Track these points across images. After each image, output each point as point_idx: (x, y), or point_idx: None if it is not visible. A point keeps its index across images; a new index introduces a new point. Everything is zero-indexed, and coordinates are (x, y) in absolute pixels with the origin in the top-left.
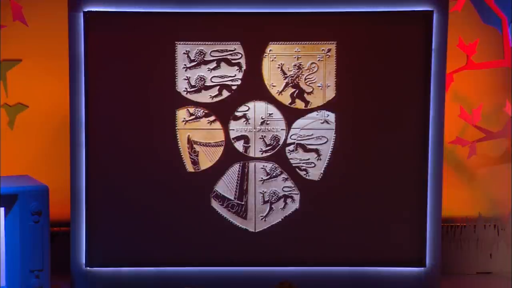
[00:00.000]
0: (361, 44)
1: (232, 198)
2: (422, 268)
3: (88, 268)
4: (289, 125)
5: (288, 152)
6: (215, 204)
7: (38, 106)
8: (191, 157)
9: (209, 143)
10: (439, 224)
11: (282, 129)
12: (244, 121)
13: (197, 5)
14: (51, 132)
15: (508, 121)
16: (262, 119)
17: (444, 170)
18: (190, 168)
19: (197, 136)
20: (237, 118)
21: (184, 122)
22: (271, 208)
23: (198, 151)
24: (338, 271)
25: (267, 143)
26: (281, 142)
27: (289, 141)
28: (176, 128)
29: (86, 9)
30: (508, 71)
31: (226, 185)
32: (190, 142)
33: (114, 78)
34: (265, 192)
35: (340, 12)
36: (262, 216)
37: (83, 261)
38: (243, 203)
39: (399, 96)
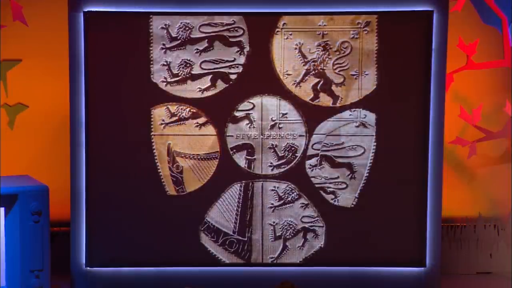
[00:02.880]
0: None
1: (231, 233)
2: (422, 268)
3: (88, 268)
4: (310, 130)
5: (309, 168)
6: (206, 241)
7: (38, 106)
8: (173, 174)
9: (198, 155)
10: (439, 224)
11: (300, 136)
12: (248, 123)
13: (197, 5)
14: (51, 132)
15: (508, 121)
16: (273, 121)
17: (444, 170)
18: (171, 190)
19: (181, 146)
20: (237, 120)
21: (162, 126)
22: (285, 247)
23: (182, 167)
24: (338, 271)
25: (280, 154)
26: (299, 153)
27: (310, 152)
28: (151, 134)
29: (86, 9)
30: (508, 71)
31: (221, 214)
32: (171, 153)
33: (114, 78)
34: (276, 223)
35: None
36: (272, 257)
37: (83, 261)
38: (245, 239)
39: (399, 96)
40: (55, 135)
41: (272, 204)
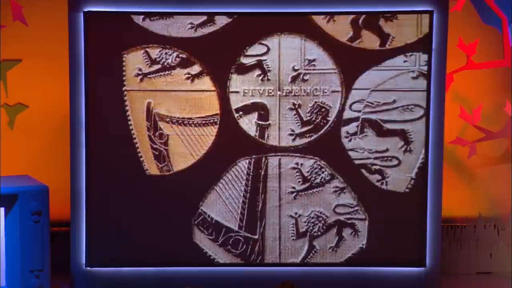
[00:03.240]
0: None
1: (236, 228)
2: (422, 268)
3: (88, 268)
4: (348, 82)
5: (346, 137)
6: (201, 239)
7: (38, 106)
8: (154, 146)
9: (190, 119)
10: (439, 224)
11: (334, 91)
12: (260, 74)
13: (197, 5)
14: (51, 132)
15: (508, 121)
16: (295, 70)
17: (444, 170)
18: (152, 168)
19: (165, 105)
20: (245, 70)
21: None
22: (311, 247)
23: (167, 136)
24: (338, 271)
25: (304, 118)
26: (332, 116)
27: (348, 114)
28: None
29: (86, 9)
30: (508, 71)
31: (223, 203)
32: (152, 115)
33: (114, 78)
34: (299, 215)
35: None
36: (294, 262)
37: (83, 261)
38: (256, 237)
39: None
40: (55, 135)
41: (293, 188)
